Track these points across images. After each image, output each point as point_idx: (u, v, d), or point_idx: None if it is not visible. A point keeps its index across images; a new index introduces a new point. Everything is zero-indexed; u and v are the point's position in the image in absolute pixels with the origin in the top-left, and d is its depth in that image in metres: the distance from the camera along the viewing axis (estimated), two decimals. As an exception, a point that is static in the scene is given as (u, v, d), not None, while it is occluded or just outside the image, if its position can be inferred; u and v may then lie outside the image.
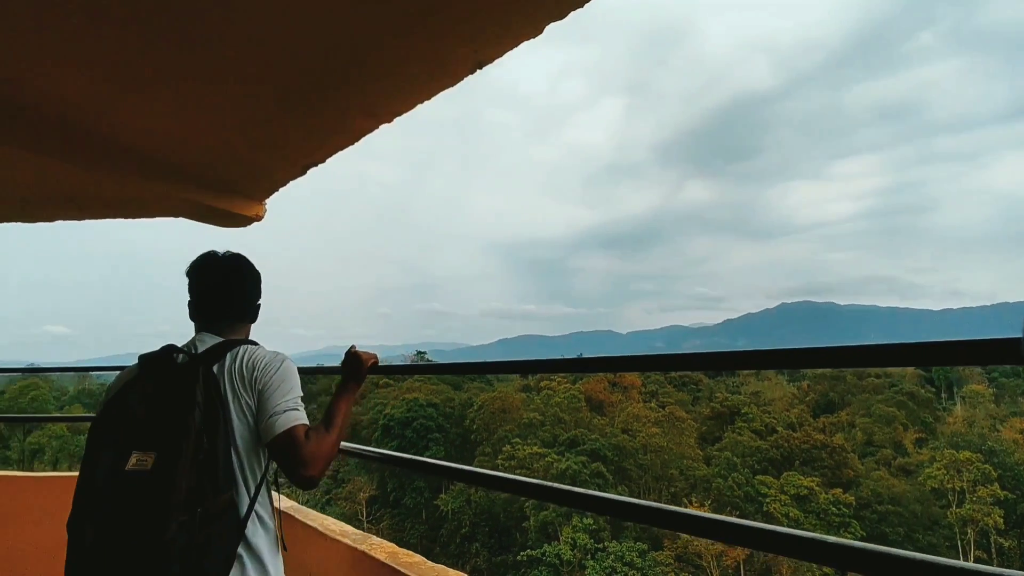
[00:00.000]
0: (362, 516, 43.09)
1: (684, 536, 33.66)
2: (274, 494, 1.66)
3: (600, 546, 33.64)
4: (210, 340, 1.58)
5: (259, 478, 1.51)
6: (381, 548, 1.82)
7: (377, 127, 2.22)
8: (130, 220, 3.45)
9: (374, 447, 2.06)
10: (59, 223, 3.54)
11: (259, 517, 1.50)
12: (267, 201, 3.25)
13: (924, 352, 0.95)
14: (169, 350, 1.51)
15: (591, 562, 32.39)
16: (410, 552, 1.78)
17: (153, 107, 2.11)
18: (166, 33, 1.63)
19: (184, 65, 1.80)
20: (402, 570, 1.62)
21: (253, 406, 1.48)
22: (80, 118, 2.21)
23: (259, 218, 3.21)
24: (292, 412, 1.46)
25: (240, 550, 1.42)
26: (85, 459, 1.36)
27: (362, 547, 1.83)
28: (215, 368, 1.50)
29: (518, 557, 35.12)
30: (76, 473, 1.40)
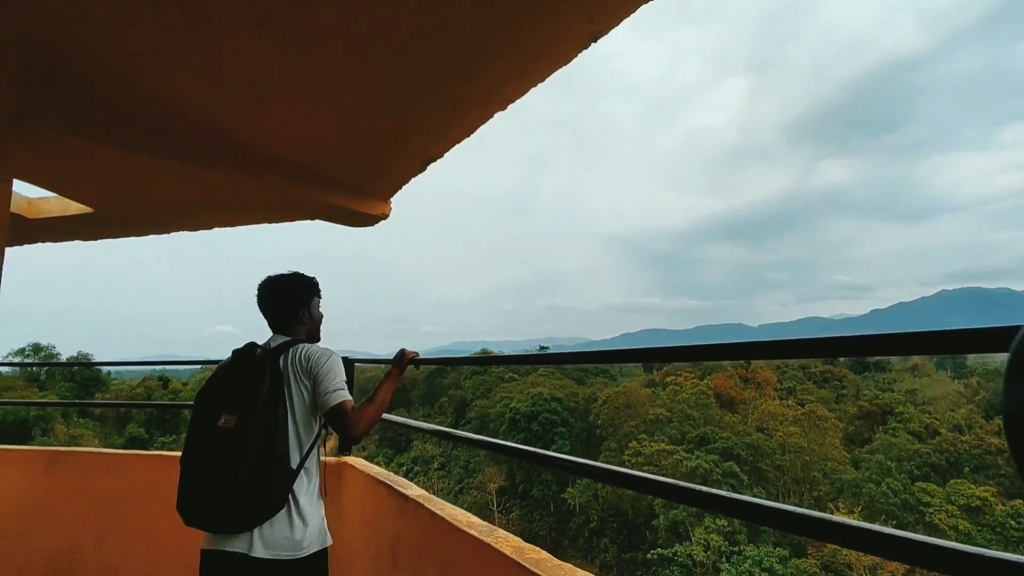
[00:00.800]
0: (492, 506, 44.58)
1: (832, 544, 31.23)
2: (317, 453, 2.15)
3: (736, 549, 32.20)
4: (279, 339, 2.16)
5: (312, 441, 2.02)
6: (507, 542, 1.79)
7: (492, 116, 2.22)
8: (276, 224, 3.68)
9: (501, 439, 2.07)
10: (219, 232, 3.87)
11: (306, 470, 1.99)
12: (393, 202, 3.44)
13: None
14: (251, 346, 2.11)
15: (726, 565, 31.13)
16: (536, 548, 1.73)
17: (287, 115, 2.30)
18: (295, 44, 1.77)
19: (312, 73, 1.94)
20: (527, 566, 1.56)
21: (309, 387, 2.01)
22: (225, 129, 2.46)
23: (385, 216, 3.39)
24: (339, 392, 1.99)
25: None
26: (192, 418, 2.00)
27: (488, 539, 1.82)
28: (281, 360, 2.04)
29: (648, 555, 34.58)
30: None
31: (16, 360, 50.44)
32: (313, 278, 2.31)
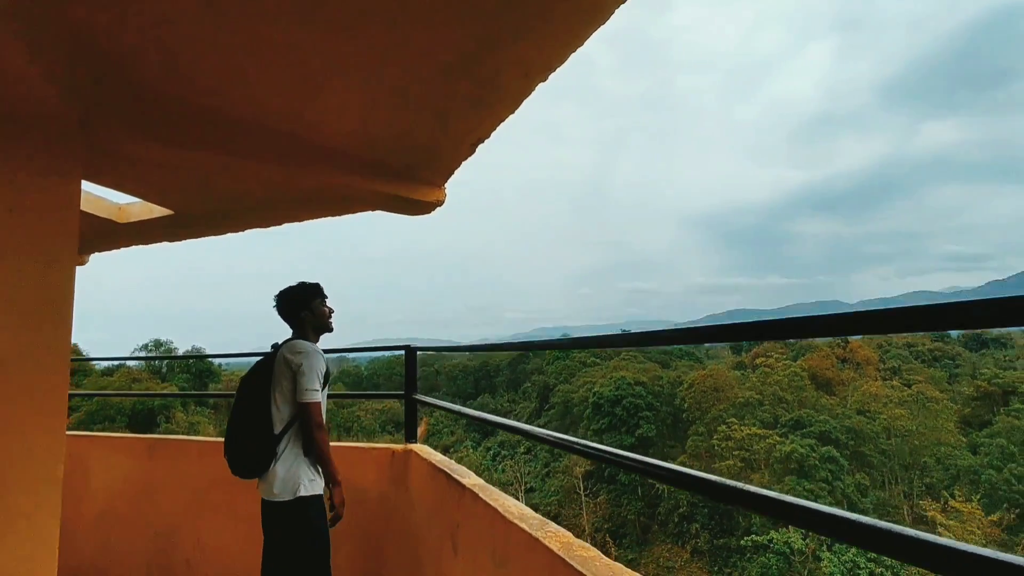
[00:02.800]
0: (579, 490, 44.80)
1: (945, 535, 29.15)
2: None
3: (837, 537, 30.66)
4: (285, 337, 2.77)
5: (291, 418, 2.57)
6: (557, 537, 1.76)
7: (534, 87, 2.20)
8: (365, 224, 3.95)
9: (585, 424, 2.03)
10: (317, 233, 4.10)
11: (288, 436, 2.56)
12: (448, 188, 3.44)
13: None
14: (274, 345, 2.75)
15: (827, 554, 29.74)
16: (585, 545, 1.73)
17: (336, 104, 2.32)
18: (335, 31, 1.79)
19: (354, 57, 1.95)
20: (573, 564, 1.57)
21: (290, 377, 2.56)
22: (283, 125, 2.51)
23: (440, 203, 3.42)
24: (310, 392, 2.53)
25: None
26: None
27: (537, 534, 1.81)
28: (277, 355, 2.65)
29: (742, 542, 33.63)
30: None
31: (141, 355, 55.80)
32: (314, 284, 2.85)
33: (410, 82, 2.20)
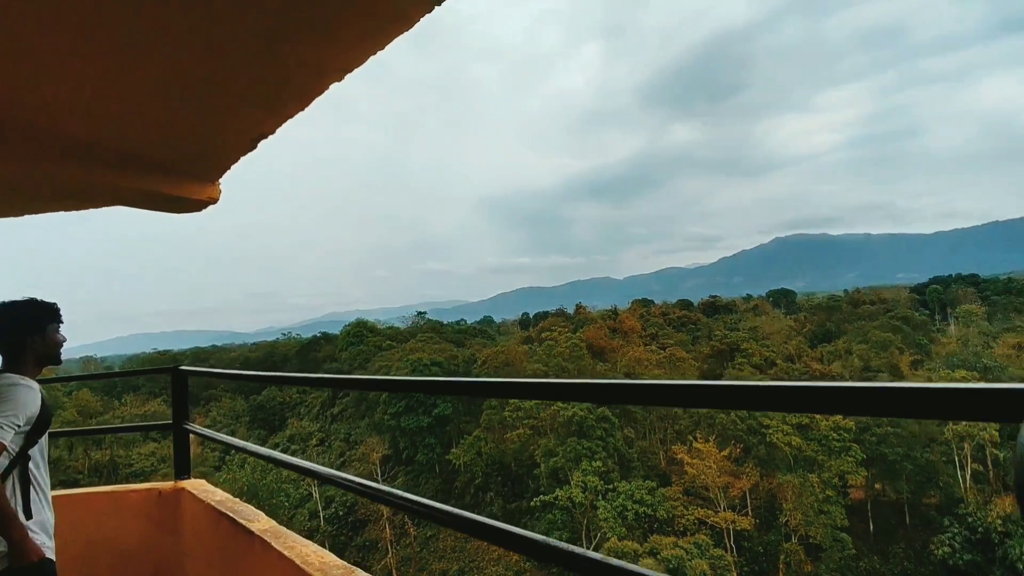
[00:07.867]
0: (377, 475, 44.20)
1: (691, 471, 34.75)
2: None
3: (610, 487, 34.70)
4: None
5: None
6: None
7: (327, 87, 2.05)
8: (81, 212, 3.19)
9: (382, 408, 1.93)
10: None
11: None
12: (223, 181, 3.05)
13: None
14: None
15: (602, 502, 33.47)
16: None
17: (80, 88, 1.93)
18: (75, 10, 1.45)
19: (111, 38, 1.62)
20: None
21: None
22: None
23: (213, 201, 3.04)
24: None
25: None
26: None
27: None
28: None
29: (531, 503, 36.26)
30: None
31: None
32: (50, 304, 2.28)
33: (185, 73, 1.83)
